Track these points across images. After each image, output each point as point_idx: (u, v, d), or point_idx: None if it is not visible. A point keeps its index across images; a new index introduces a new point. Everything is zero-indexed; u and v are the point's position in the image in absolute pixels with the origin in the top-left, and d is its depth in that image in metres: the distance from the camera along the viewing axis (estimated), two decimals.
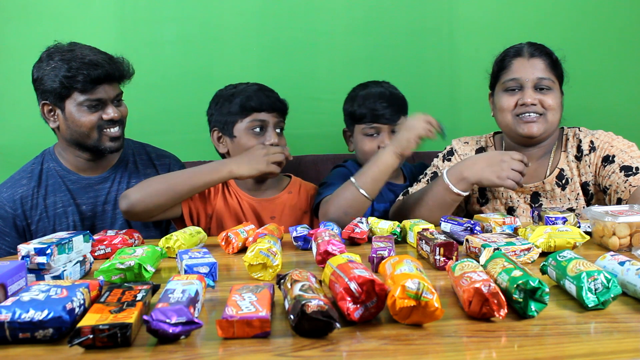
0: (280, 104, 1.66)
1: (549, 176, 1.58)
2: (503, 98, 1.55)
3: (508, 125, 1.56)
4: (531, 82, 1.51)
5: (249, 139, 1.61)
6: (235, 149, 1.65)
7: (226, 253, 1.23)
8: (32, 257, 0.92)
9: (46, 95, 1.51)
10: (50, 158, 1.64)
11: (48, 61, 1.50)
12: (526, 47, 1.56)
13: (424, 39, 2.22)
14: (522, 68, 1.53)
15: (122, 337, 0.66)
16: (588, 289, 0.76)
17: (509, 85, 1.54)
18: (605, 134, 1.57)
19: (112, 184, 1.64)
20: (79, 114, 1.51)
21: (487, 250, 0.93)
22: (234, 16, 2.15)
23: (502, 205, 1.63)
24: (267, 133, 1.62)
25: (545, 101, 1.51)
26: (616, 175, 1.48)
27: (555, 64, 1.56)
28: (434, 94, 2.23)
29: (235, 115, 1.62)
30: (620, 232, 1.11)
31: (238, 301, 0.73)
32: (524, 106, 1.51)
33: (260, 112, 1.61)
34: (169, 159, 1.76)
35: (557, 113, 1.53)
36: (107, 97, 1.52)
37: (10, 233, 1.57)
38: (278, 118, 1.65)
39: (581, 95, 2.25)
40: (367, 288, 0.72)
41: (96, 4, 2.09)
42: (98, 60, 1.50)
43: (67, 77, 1.46)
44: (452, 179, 1.44)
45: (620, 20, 2.28)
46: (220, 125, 1.67)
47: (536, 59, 1.54)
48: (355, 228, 1.28)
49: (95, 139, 1.54)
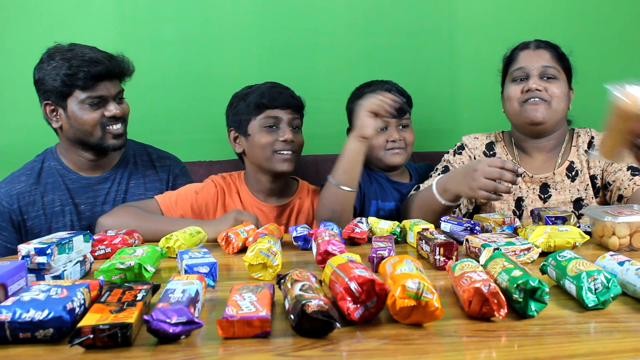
0: (295, 100, 1.65)
1: (559, 168, 1.60)
2: (510, 88, 1.59)
3: (515, 114, 1.58)
4: (536, 70, 1.55)
5: (263, 136, 1.61)
6: (250, 148, 1.65)
7: (226, 253, 1.23)
8: (32, 257, 0.92)
9: (48, 95, 1.52)
10: (51, 156, 1.65)
11: (49, 61, 1.50)
12: (533, 41, 1.62)
13: (424, 39, 2.22)
14: (528, 58, 1.58)
15: (122, 337, 0.66)
16: (588, 289, 0.76)
17: (515, 75, 1.58)
18: None
19: (112, 185, 1.64)
20: (81, 111, 1.51)
21: (487, 250, 0.93)
22: (234, 16, 2.15)
23: (511, 196, 1.64)
24: (280, 130, 1.61)
25: (549, 89, 1.53)
26: (622, 173, 1.51)
27: (562, 57, 1.59)
28: (434, 94, 2.23)
29: (249, 113, 1.63)
30: (620, 232, 1.11)
31: (238, 301, 0.73)
32: (529, 92, 1.53)
33: (274, 108, 1.61)
34: (169, 160, 1.76)
35: (562, 102, 1.55)
36: (108, 94, 1.53)
37: (7, 228, 1.58)
38: (292, 115, 1.63)
39: (582, 94, 2.25)
40: (367, 288, 0.72)
41: (96, 4, 2.09)
42: (98, 58, 1.51)
43: (68, 75, 1.47)
44: (439, 189, 1.44)
45: (621, 20, 2.28)
46: (235, 125, 1.67)
47: (542, 50, 1.58)
48: (355, 228, 1.28)
49: (99, 136, 1.54)
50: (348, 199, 1.48)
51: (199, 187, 1.65)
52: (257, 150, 1.62)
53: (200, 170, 1.97)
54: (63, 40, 1.55)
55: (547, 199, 1.60)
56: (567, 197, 1.59)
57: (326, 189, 1.50)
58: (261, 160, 1.63)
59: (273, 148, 1.60)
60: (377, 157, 1.73)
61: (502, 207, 1.63)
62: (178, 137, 2.11)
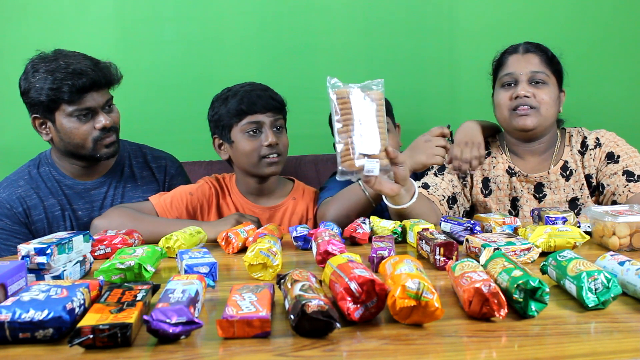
0: (275, 101, 1.61)
1: (553, 167, 1.59)
2: (500, 94, 1.58)
3: (505, 121, 1.59)
4: (525, 75, 1.54)
5: (247, 143, 1.59)
6: (235, 154, 1.63)
7: (226, 253, 1.23)
8: (32, 257, 0.92)
9: (35, 109, 1.48)
10: (46, 162, 1.63)
11: (33, 73, 1.46)
12: (522, 45, 1.60)
13: (424, 39, 2.22)
14: (517, 63, 1.56)
15: (122, 337, 0.66)
16: (588, 289, 0.76)
17: (505, 80, 1.57)
18: (610, 133, 1.61)
19: (108, 189, 1.63)
20: (70, 125, 1.48)
21: (487, 250, 0.93)
22: (234, 16, 2.15)
23: (507, 197, 1.64)
24: (262, 134, 1.59)
25: (538, 95, 1.53)
26: (617, 177, 1.50)
27: (551, 60, 1.58)
28: (434, 94, 2.24)
29: (229, 119, 1.60)
30: (620, 232, 1.11)
31: (238, 301, 0.73)
32: (518, 98, 1.53)
33: (254, 113, 1.58)
34: (165, 159, 1.74)
35: (551, 108, 1.55)
36: (96, 105, 1.49)
37: (21, 230, 1.56)
38: (274, 116, 1.60)
39: (582, 94, 2.25)
40: (367, 288, 0.72)
41: (96, 5, 2.09)
42: (82, 68, 1.45)
43: (52, 89, 1.43)
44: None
45: (621, 20, 2.28)
46: (218, 132, 1.65)
47: (531, 54, 1.57)
48: (357, 228, 1.28)
49: (90, 148, 1.52)
50: (366, 210, 1.48)
51: (194, 188, 1.64)
52: (242, 157, 1.61)
53: (200, 170, 1.97)
54: (63, 41, 1.54)
55: (542, 199, 1.60)
56: (562, 197, 1.59)
57: (352, 193, 1.49)
58: (247, 167, 1.62)
59: (259, 153, 1.58)
60: None
61: (498, 208, 1.63)
62: (178, 137, 2.11)
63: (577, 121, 1.69)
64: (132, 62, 1.63)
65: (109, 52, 1.58)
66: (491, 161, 1.67)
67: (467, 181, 1.67)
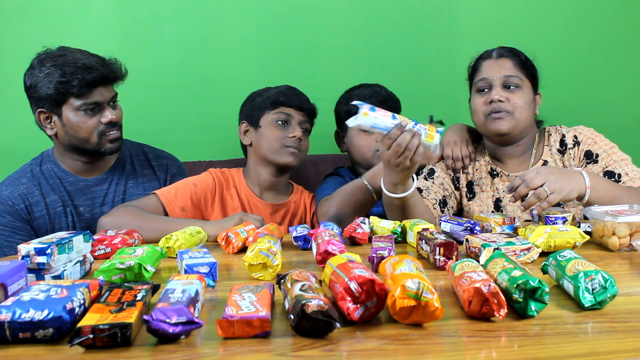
0: (309, 105, 1.73)
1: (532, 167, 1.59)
2: (475, 99, 1.60)
3: (481, 125, 1.60)
4: (499, 80, 1.55)
5: (273, 130, 1.67)
6: (258, 140, 1.69)
7: (226, 253, 1.23)
8: (32, 257, 0.92)
9: (41, 103, 1.49)
10: (48, 160, 1.64)
11: (40, 67, 1.47)
12: (496, 50, 1.61)
13: (424, 39, 2.23)
14: (490, 68, 1.58)
15: (122, 337, 0.66)
16: (585, 289, 0.76)
17: (479, 85, 1.58)
18: (587, 129, 1.61)
19: (109, 186, 1.64)
20: (77, 119, 1.50)
21: (487, 250, 0.93)
22: (234, 16, 2.15)
23: (490, 198, 1.64)
24: (290, 126, 1.67)
25: (512, 99, 1.53)
26: None
27: (525, 64, 1.58)
28: (434, 94, 2.24)
29: (264, 108, 1.69)
30: (620, 232, 1.11)
31: (238, 301, 0.73)
32: (492, 103, 1.54)
33: (289, 107, 1.68)
34: (166, 159, 1.76)
35: (525, 111, 1.55)
36: (103, 100, 1.52)
37: (24, 227, 1.57)
38: (304, 117, 1.71)
39: (582, 94, 2.26)
40: (367, 288, 0.72)
41: (96, 4, 2.09)
42: (91, 64, 1.48)
43: (62, 82, 1.45)
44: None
45: (621, 20, 2.28)
46: (248, 118, 1.72)
47: (504, 59, 1.58)
48: (357, 228, 1.28)
49: (95, 142, 1.54)
50: (369, 202, 1.53)
51: (197, 179, 1.67)
52: (265, 142, 1.67)
53: (200, 170, 1.96)
54: (63, 41, 1.55)
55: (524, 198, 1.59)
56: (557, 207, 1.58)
57: (355, 187, 1.52)
58: (267, 153, 1.68)
59: (282, 142, 1.66)
60: (366, 161, 1.73)
61: (481, 210, 1.63)
62: (178, 137, 2.11)
63: (577, 122, 1.69)
64: (132, 62, 1.62)
65: (109, 52, 1.58)
66: (474, 165, 1.69)
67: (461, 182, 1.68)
